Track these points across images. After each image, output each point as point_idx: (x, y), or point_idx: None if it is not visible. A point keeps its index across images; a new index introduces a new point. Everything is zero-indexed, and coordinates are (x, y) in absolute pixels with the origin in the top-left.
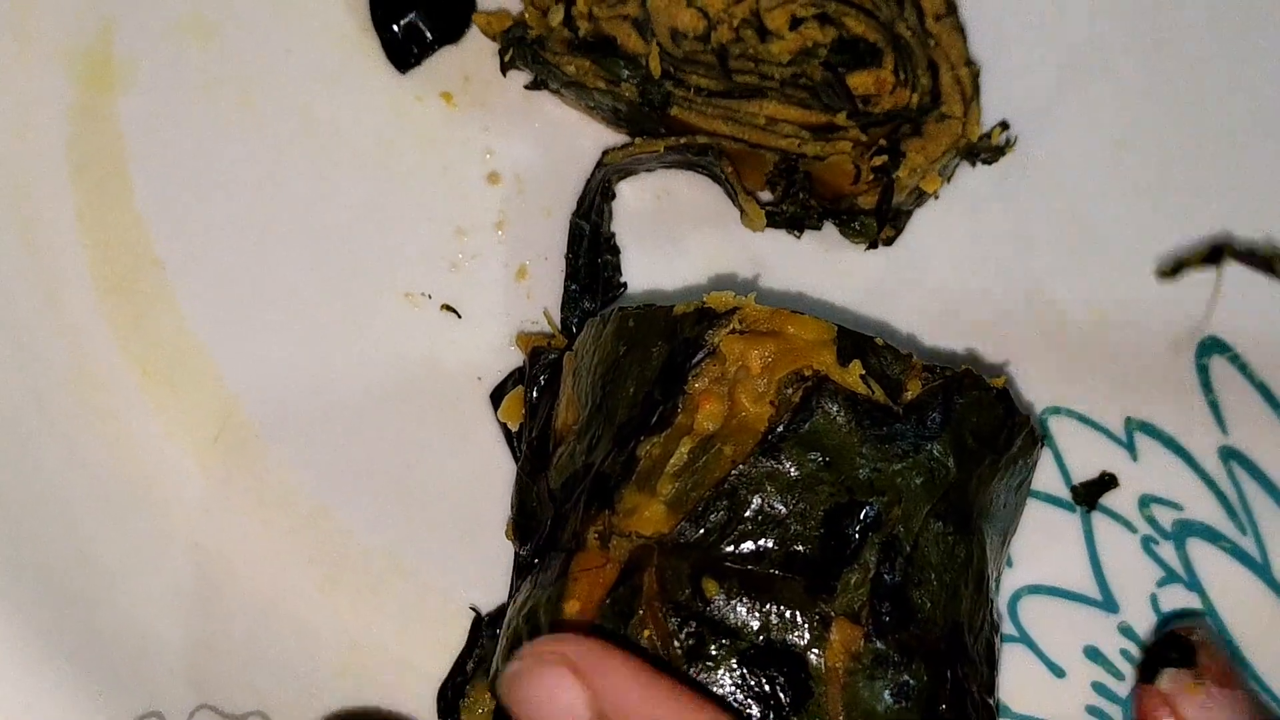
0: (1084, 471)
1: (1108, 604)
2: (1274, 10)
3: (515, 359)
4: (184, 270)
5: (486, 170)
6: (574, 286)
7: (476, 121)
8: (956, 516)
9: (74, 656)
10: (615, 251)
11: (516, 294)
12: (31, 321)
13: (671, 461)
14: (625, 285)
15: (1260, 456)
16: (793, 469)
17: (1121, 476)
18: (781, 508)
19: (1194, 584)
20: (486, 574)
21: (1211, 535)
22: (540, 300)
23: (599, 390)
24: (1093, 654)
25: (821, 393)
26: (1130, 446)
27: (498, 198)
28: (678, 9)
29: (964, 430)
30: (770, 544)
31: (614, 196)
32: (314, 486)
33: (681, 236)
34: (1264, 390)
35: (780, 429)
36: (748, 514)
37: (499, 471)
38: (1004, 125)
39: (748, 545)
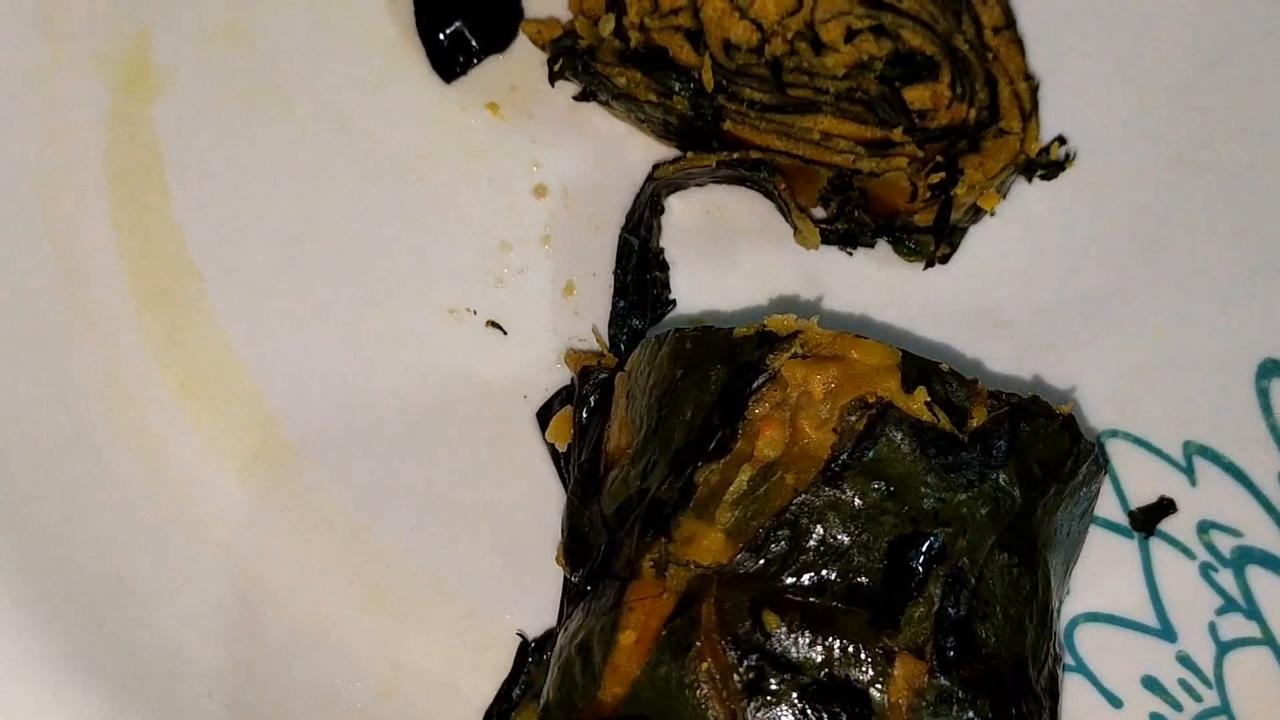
0: (1142, 496)
1: (1166, 632)
2: None
3: (562, 377)
4: (223, 283)
5: (533, 183)
6: (622, 303)
7: (523, 133)
8: (1022, 547)
9: (109, 678)
10: (664, 268)
11: (564, 310)
12: (67, 335)
13: (731, 489)
14: (674, 302)
15: None
16: (856, 498)
17: (1180, 502)
18: (844, 538)
19: (1253, 612)
20: (532, 598)
21: (1272, 562)
22: (588, 317)
23: (654, 413)
24: (1150, 684)
25: (886, 420)
26: (1189, 471)
27: (544, 211)
28: (731, 21)
29: (1030, 459)
30: (832, 575)
31: (663, 211)
32: (355, 506)
33: (732, 252)
34: None
35: (843, 457)
36: (810, 544)
37: (545, 492)
38: (1061, 140)
39: (809, 576)
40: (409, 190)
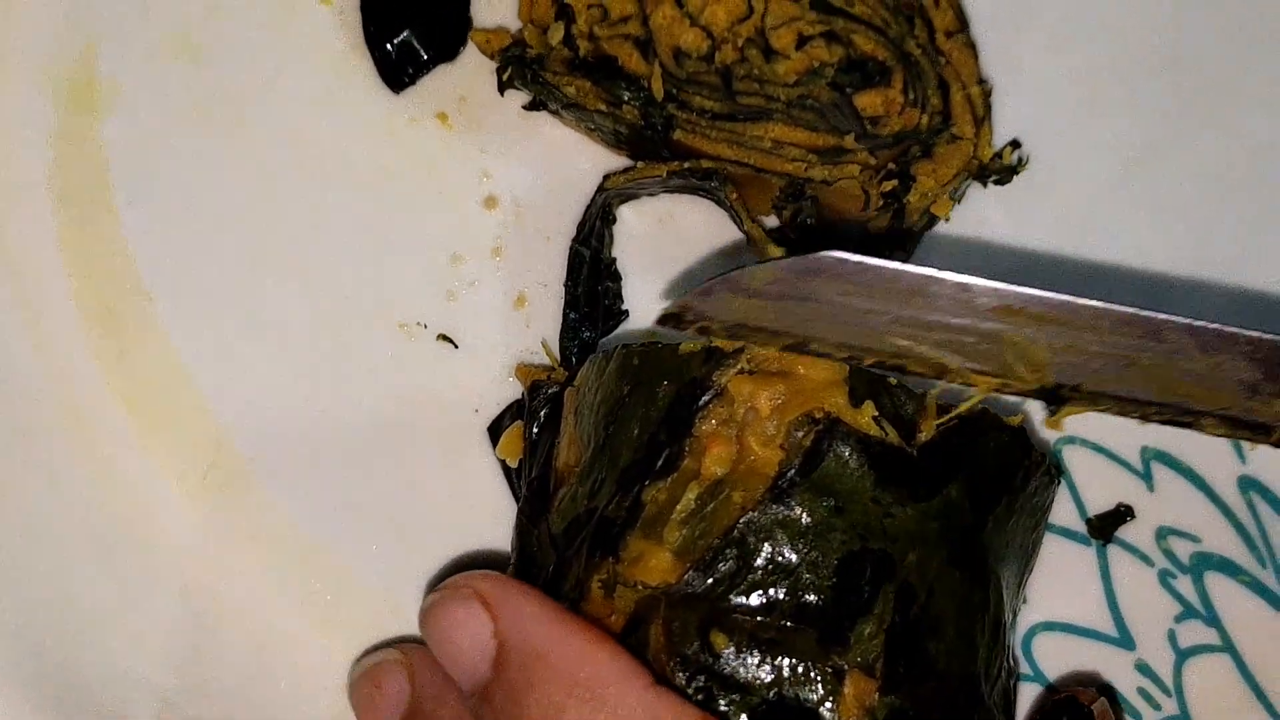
0: (1100, 503)
1: (1124, 641)
2: None
3: (514, 390)
4: (171, 300)
5: (484, 194)
6: (573, 315)
7: (473, 143)
8: (972, 562)
9: (59, 701)
10: (616, 278)
11: (515, 323)
12: (14, 354)
13: (678, 508)
14: (627, 313)
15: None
16: (804, 516)
17: (1138, 508)
18: (793, 556)
19: (1212, 619)
20: None
21: (1230, 568)
22: (539, 329)
23: (602, 430)
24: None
25: (833, 435)
26: (1147, 477)
27: (495, 223)
28: (681, 28)
29: (980, 472)
30: (781, 594)
31: (615, 221)
32: (307, 523)
33: (685, 262)
34: None
35: (791, 474)
36: (758, 563)
37: (499, 507)
38: (1016, 144)
39: (758, 595)
40: (359, 203)
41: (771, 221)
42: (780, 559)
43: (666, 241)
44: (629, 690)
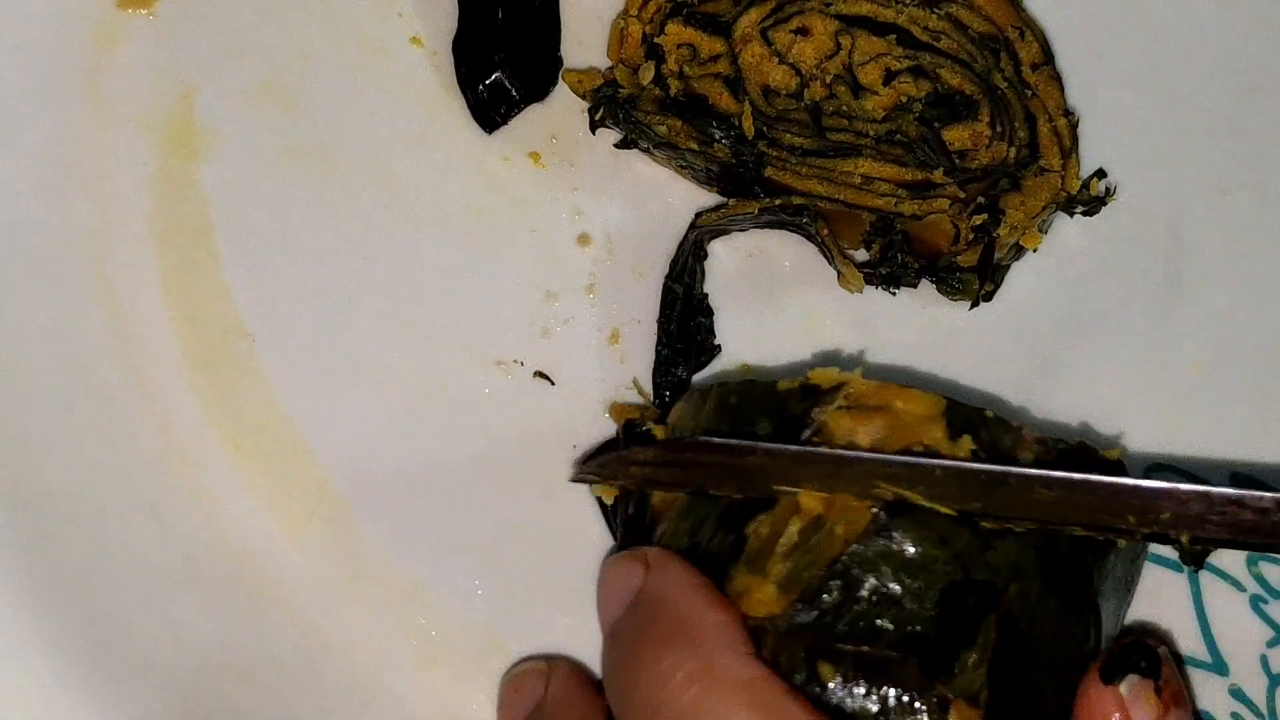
0: None
1: (1217, 666)
2: None
3: (610, 427)
4: (272, 341)
5: (577, 232)
6: (666, 351)
7: (565, 181)
8: (1072, 593)
9: None
10: (709, 313)
11: (610, 359)
12: (119, 398)
13: (781, 541)
14: (719, 348)
15: None
16: (907, 547)
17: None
18: (896, 587)
19: None
20: (582, 650)
21: None
22: (633, 364)
23: None
24: (1205, 719)
25: None
26: None
27: (588, 260)
28: (770, 66)
29: None
30: (886, 623)
31: (707, 256)
32: (409, 561)
33: (776, 296)
34: None
35: (888, 509)
36: (862, 594)
37: (596, 544)
38: (1101, 173)
39: (863, 626)
40: (453, 243)
41: (861, 255)
42: (884, 590)
43: (758, 276)
44: (726, 650)
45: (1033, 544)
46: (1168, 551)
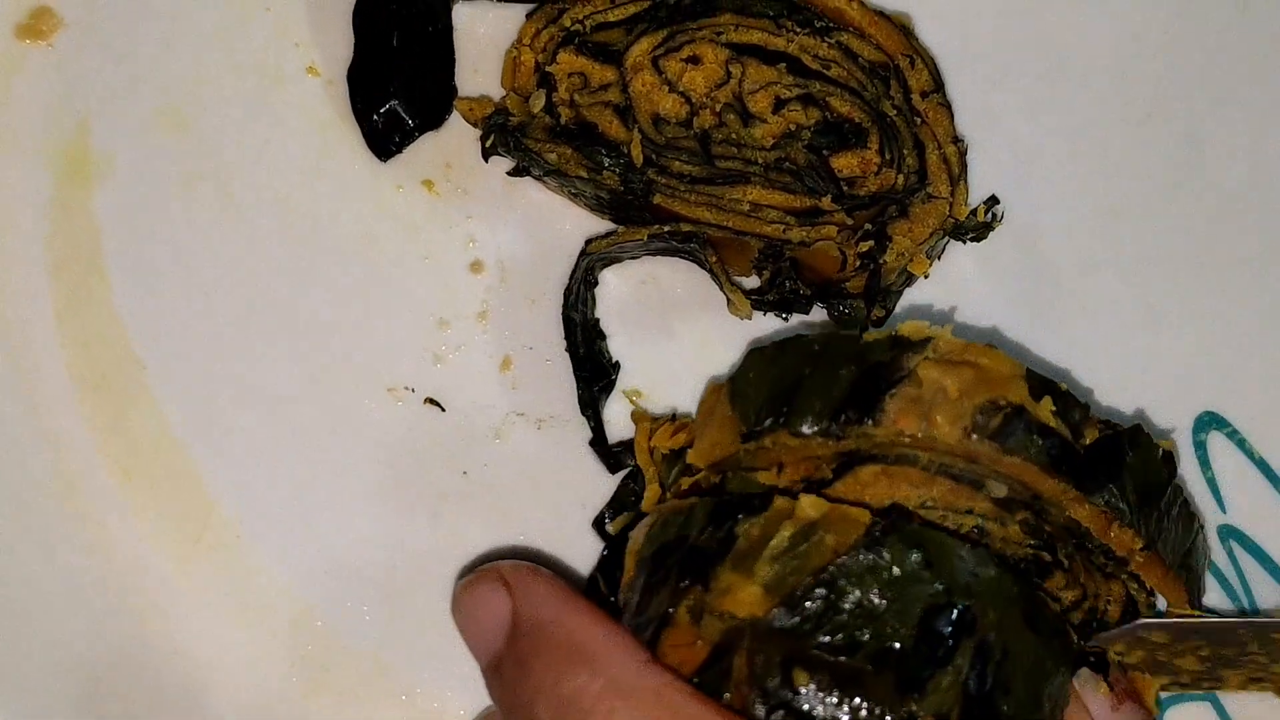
0: None
1: None
2: (1271, 75)
3: (499, 453)
4: (163, 369)
5: (469, 259)
6: (584, 373)
7: (459, 209)
8: (1052, 631)
9: None
10: (603, 336)
11: (501, 385)
12: (9, 422)
13: (771, 544)
14: (619, 365)
15: (1260, 534)
16: (894, 566)
17: None
18: (880, 602)
19: None
20: (471, 676)
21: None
22: (525, 390)
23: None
24: None
25: (1020, 420)
26: None
27: (481, 286)
28: (660, 95)
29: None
30: (865, 637)
31: (597, 284)
32: (298, 589)
33: (668, 322)
34: (1263, 466)
35: (880, 526)
36: (846, 605)
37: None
38: (993, 200)
39: (841, 637)
40: (347, 269)
41: (752, 282)
42: (868, 604)
43: (650, 303)
44: (625, 661)
45: (1017, 578)
46: None
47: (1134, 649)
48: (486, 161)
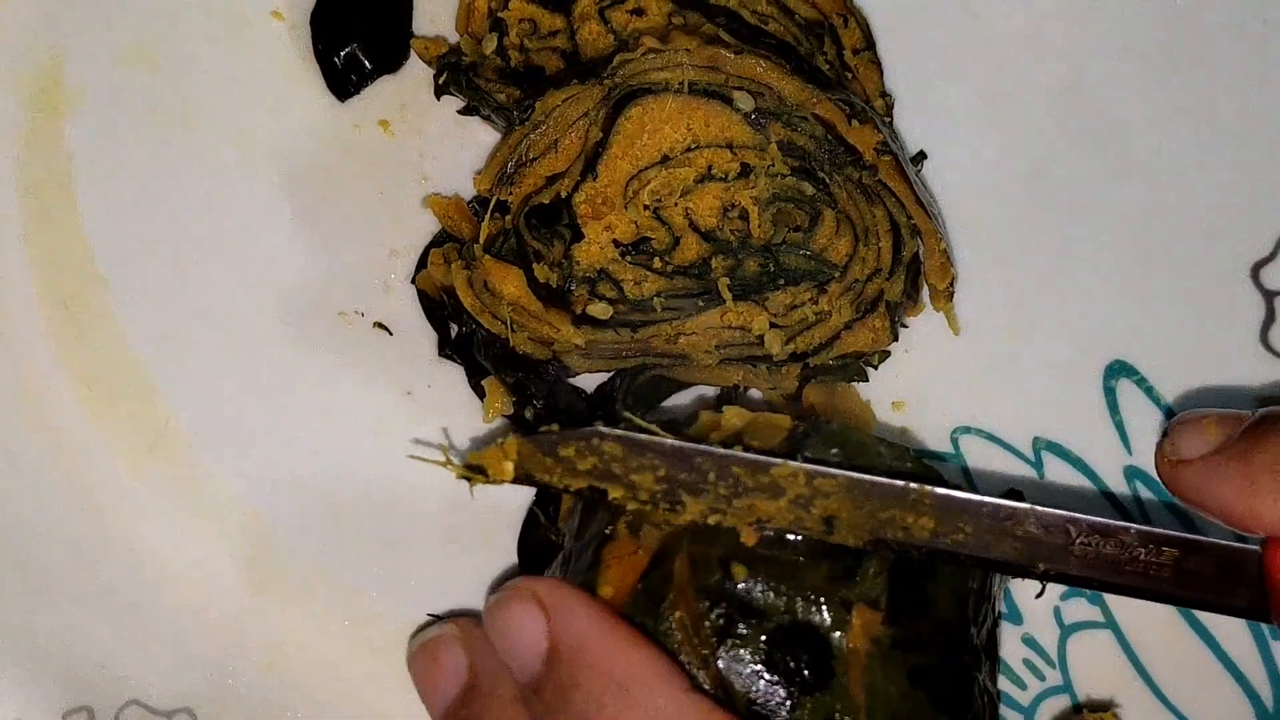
0: (993, 489)
1: (1012, 615)
2: (1184, 45)
3: (443, 375)
4: (125, 288)
5: (421, 194)
6: None
7: (412, 148)
8: None
9: (6, 652)
10: None
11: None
12: None
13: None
14: None
15: None
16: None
17: (1028, 493)
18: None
19: (1096, 597)
20: (409, 580)
21: None
22: None
23: None
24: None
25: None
26: (1038, 465)
27: (430, 221)
28: (606, 43)
29: None
30: (795, 539)
31: None
32: (246, 494)
33: None
34: (1169, 413)
35: (801, 429)
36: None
37: (424, 480)
38: (920, 155)
39: (773, 536)
40: (305, 202)
41: None
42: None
43: None
44: (665, 691)
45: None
46: None
47: (586, 456)
48: (439, 99)
